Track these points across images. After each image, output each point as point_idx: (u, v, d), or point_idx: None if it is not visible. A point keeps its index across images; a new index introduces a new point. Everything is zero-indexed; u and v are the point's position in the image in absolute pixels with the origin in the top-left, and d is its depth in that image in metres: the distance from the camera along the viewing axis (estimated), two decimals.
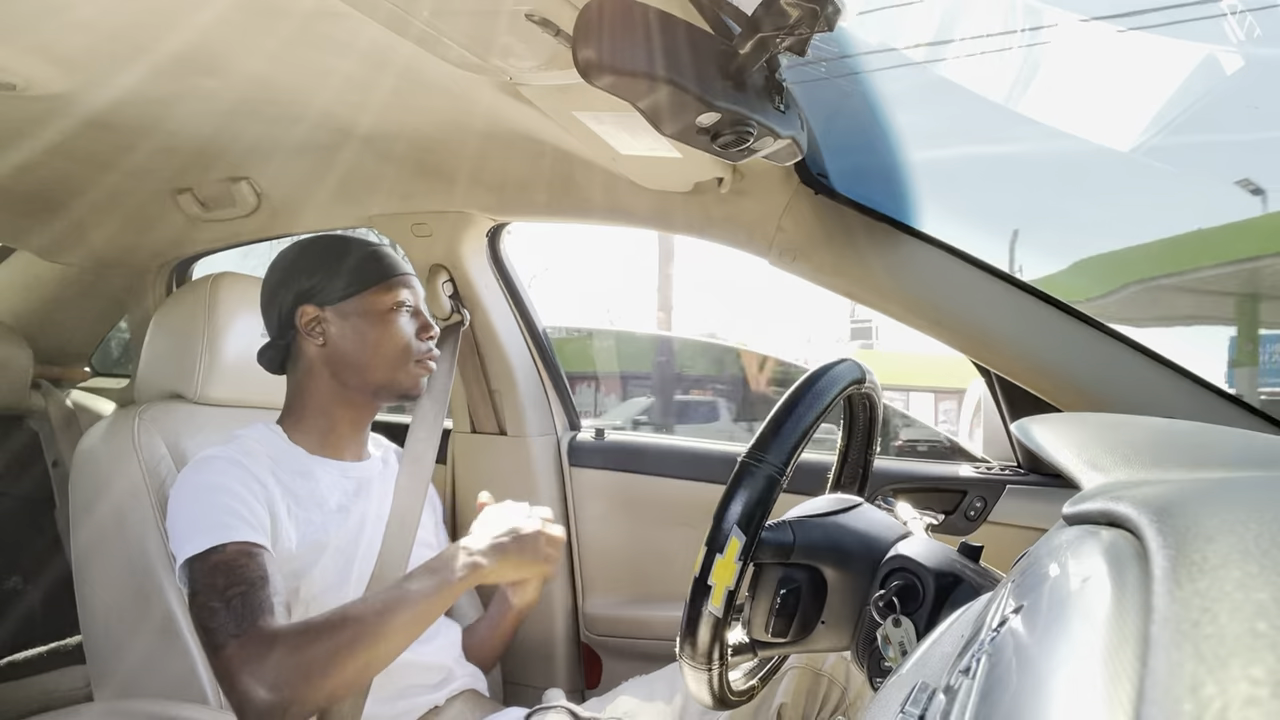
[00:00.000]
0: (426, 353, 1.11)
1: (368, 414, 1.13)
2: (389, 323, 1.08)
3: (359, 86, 1.04)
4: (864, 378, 0.82)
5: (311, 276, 1.07)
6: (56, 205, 1.53)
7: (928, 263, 1.11)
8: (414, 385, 1.11)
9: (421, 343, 1.11)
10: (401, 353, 1.09)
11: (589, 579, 1.55)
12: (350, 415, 1.11)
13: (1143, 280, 3.14)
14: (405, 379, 1.10)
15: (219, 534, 0.89)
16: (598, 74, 0.70)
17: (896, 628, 0.69)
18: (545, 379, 1.60)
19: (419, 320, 1.12)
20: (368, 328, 1.07)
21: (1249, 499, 0.26)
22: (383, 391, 1.10)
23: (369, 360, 1.07)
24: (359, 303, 1.07)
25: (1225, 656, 0.18)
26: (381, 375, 1.08)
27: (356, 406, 1.11)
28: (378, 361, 1.08)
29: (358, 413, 1.12)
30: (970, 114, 1.49)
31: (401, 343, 1.09)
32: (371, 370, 1.08)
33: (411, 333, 1.10)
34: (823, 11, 0.65)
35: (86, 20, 0.84)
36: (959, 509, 1.24)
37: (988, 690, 0.30)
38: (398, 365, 1.09)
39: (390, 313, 1.08)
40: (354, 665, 0.81)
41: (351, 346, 1.07)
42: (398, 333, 1.08)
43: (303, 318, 1.07)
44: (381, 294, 1.08)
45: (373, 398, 1.11)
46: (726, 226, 1.23)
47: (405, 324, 1.10)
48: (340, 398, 1.09)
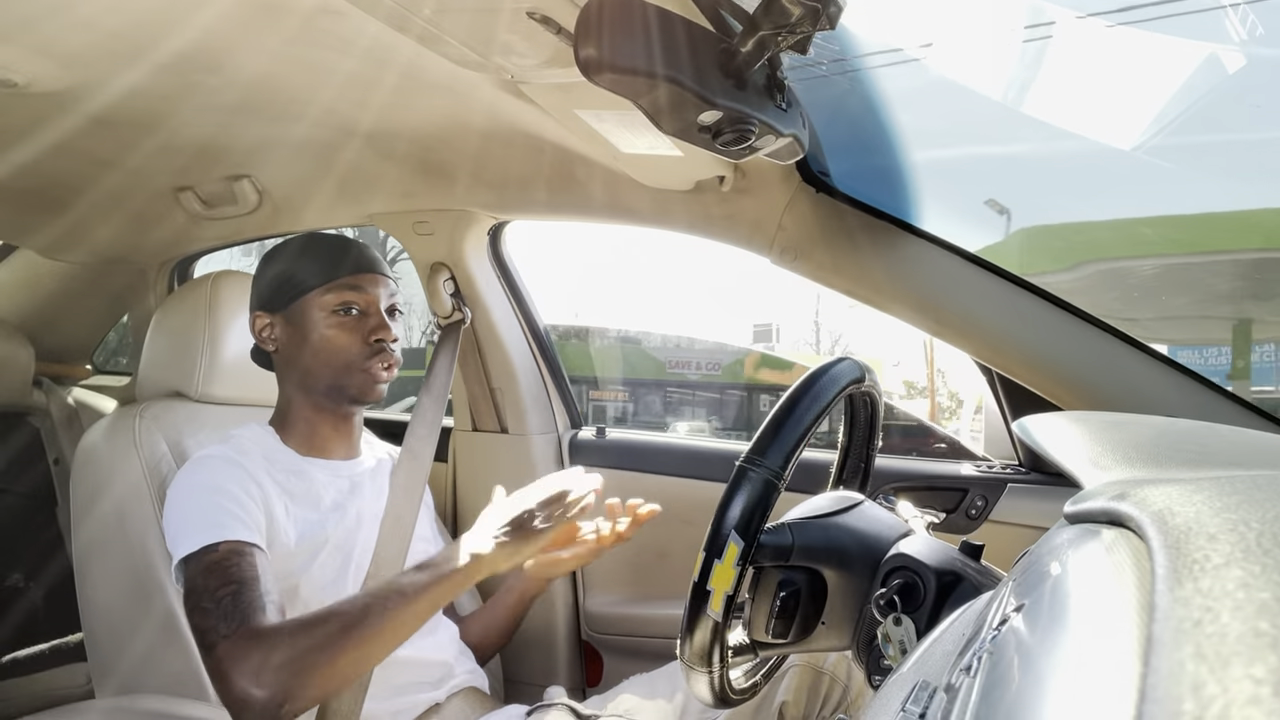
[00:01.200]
0: (372, 358, 1.06)
1: (343, 416, 1.10)
2: (330, 326, 1.05)
3: (360, 84, 1.03)
4: (863, 377, 0.82)
5: (266, 281, 1.08)
6: (58, 203, 1.53)
7: (929, 262, 1.11)
8: (364, 391, 1.06)
9: (366, 347, 1.05)
10: (343, 357, 1.05)
11: (590, 577, 1.55)
12: (326, 418, 1.09)
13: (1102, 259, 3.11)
14: (352, 385, 1.06)
15: (212, 533, 0.89)
16: (599, 72, 0.70)
17: (897, 626, 0.69)
18: (546, 377, 1.60)
19: (369, 322, 1.07)
20: (309, 332, 1.05)
21: (1251, 498, 0.26)
22: (336, 396, 1.07)
23: (313, 366, 1.06)
24: (303, 306, 1.06)
25: (1227, 656, 0.18)
26: (328, 380, 1.06)
27: (325, 410, 1.09)
28: (320, 367, 1.05)
29: (332, 415, 1.10)
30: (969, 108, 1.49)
31: (340, 346, 1.05)
32: (319, 375, 1.06)
33: (357, 337, 1.05)
34: (824, 10, 0.65)
35: (89, 19, 0.84)
36: (960, 507, 1.24)
37: (989, 688, 0.30)
38: (342, 371, 1.05)
39: (331, 316, 1.05)
40: (346, 661, 0.80)
41: (297, 353, 1.06)
42: (337, 338, 1.05)
43: (256, 324, 1.08)
44: (322, 296, 1.05)
45: (332, 403, 1.08)
46: (727, 225, 1.23)
47: (347, 328, 1.05)
48: (309, 402, 1.09)
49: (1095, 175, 1.71)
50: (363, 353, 1.06)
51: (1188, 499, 0.27)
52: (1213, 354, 3.88)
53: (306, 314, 1.06)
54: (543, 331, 1.60)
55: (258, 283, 1.09)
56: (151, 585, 1.05)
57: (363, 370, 1.06)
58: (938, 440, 1.98)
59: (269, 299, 1.08)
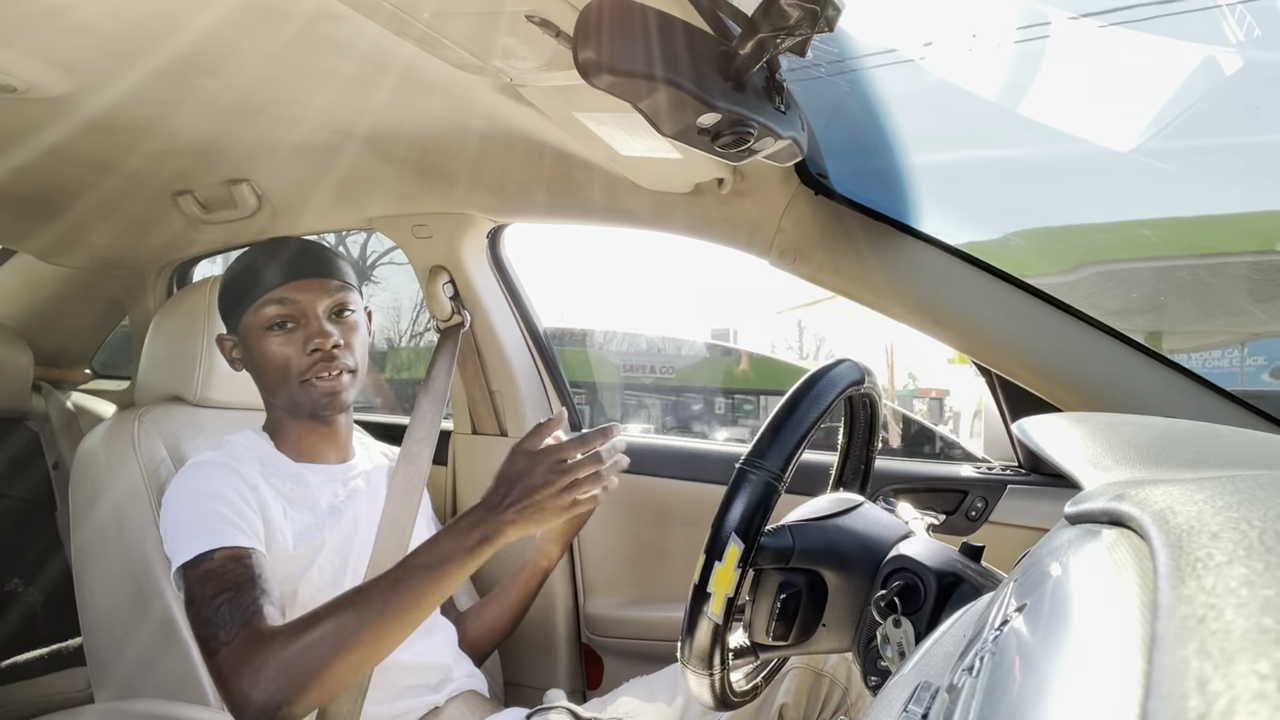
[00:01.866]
0: (313, 366, 1.02)
1: (325, 423, 1.09)
2: (263, 343, 1.03)
3: (360, 88, 1.04)
4: (863, 379, 0.82)
5: (222, 301, 1.09)
6: (57, 208, 1.53)
7: (929, 263, 1.11)
8: (314, 403, 1.03)
9: (303, 358, 1.02)
10: (281, 373, 1.03)
11: (590, 579, 1.55)
12: (309, 425, 1.08)
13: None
14: (302, 397, 1.03)
15: (207, 540, 0.89)
16: (597, 75, 0.70)
17: (897, 628, 0.69)
18: (546, 380, 1.60)
19: (305, 331, 1.02)
20: (251, 351, 1.05)
21: (1252, 496, 0.26)
22: (296, 411, 1.06)
23: (267, 383, 1.06)
24: (243, 325, 1.05)
25: (1231, 652, 0.18)
26: (284, 397, 1.05)
27: (301, 421, 1.08)
28: (273, 385, 1.05)
29: (316, 424, 1.08)
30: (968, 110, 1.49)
31: (277, 363, 1.03)
32: (274, 393, 1.06)
33: (294, 349, 1.02)
34: (822, 13, 0.65)
35: (88, 23, 0.84)
36: (960, 509, 1.24)
37: (991, 689, 0.30)
38: (286, 386, 1.03)
39: (265, 333, 1.03)
40: (347, 659, 0.80)
41: (252, 369, 1.07)
42: (275, 353, 1.02)
43: (224, 346, 1.09)
44: (253, 315, 1.03)
45: (300, 416, 1.07)
46: (726, 227, 1.23)
47: (283, 342, 1.02)
48: (285, 413, 1.08)
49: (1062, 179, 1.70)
50: (301, 365, 1.02)
51: (1189, 498, 0.27)
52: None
53: (249, 333, 1.05)
54: (542, 334, 1.61)
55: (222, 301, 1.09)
56: (150, 589, 1.05)
57: (303, 382, 1.03)
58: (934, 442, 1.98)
59: (226, 318, 1.08)
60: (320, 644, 0.80)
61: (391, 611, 0.82)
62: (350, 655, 0.81)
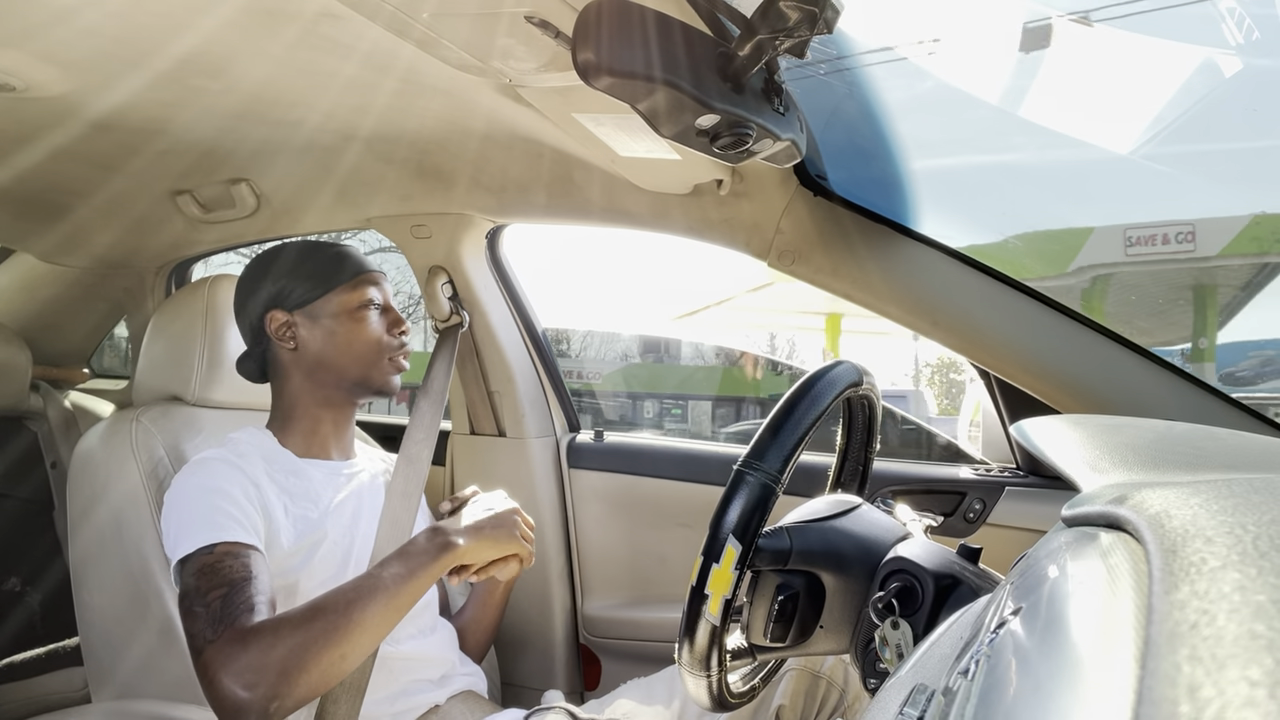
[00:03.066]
0: (399, 348, 1.12)
1: (348, 413, 1.14)
2: (358, 320, 1.09)
3: (361, 89, 1.04)
4: (861, 380, 0.82)
5: (276, 282, 1.09)
6: (56, 207, 1.53)
7: (927, 265, 1.12)
8: (387, 382, 1.12)
9: (393, 338, 1.12)
10: (374, 349, 1.10)
11: (588, 580, 1.55)
12: (331, 415, 1.12)
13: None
14: (378, 376, 1.10)
15: (208, 535, 0.89)
16: (596, 76, 0.70)
17: (895, 630, 0.69)
18: (544, 381, 1.60)
19: (389, 316, 1.13)
20: (337, 327, 1.09)
21: (1247, 501, 0.26)
22: (358, 389, 1.11)
23: (341, 359, 1.09)
24: (326, 303, 1.09)
25: (1223, 658, 0.18)
26: (355, 373, 1.09)
27: (335, 406, 1.12)
28: (350, 360, 1.09)
29: (338, 412, 1.12)
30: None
31: (373, 339, 1.10)
32: (345, 369, 1.09)
33: (382, 329, 1.11)
34: (821, 14, 0.65)
35: (93, 26, 0.84)
36: (958, 511, 1.24)
37: (986, 692, 0.30)
38: (371, 362, 1.10)
39: (360, 310, 1.10)
40: (330, 656, 0.81)
41: (323, 347, 1.09)
42: (368, 330, 1.10)
43: (272, 323, 1.09)
44: (348, 293, 1.09)
45: (349, 395, 1.12)
46: (725, 228, 1.23)
47: (375, 321, 1.11)
48: (319, 399, 1.10)
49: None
50: (389, 344, 1.11)
51: (1184, 502, 0.27)
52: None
53: (330, 310, 1.09)
54: (541, 335, 1.61)
55: (265, 284, 1.09)
56: (148, 590, 1.05)
57: (389, 360, 1.11)
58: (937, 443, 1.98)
59: (285, 298, 1.09)
60: (310, 642, 0.80)
61: (372, 614, 0.85)
62: (337, 651, 0.81)
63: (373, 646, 0.88)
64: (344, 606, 0.84)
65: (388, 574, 0.88)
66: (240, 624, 0.81)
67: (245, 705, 0.76)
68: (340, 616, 0.83)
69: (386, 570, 0.89)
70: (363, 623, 0.84)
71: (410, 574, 0.89)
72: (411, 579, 0.89)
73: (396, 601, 0.87)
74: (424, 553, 0.92)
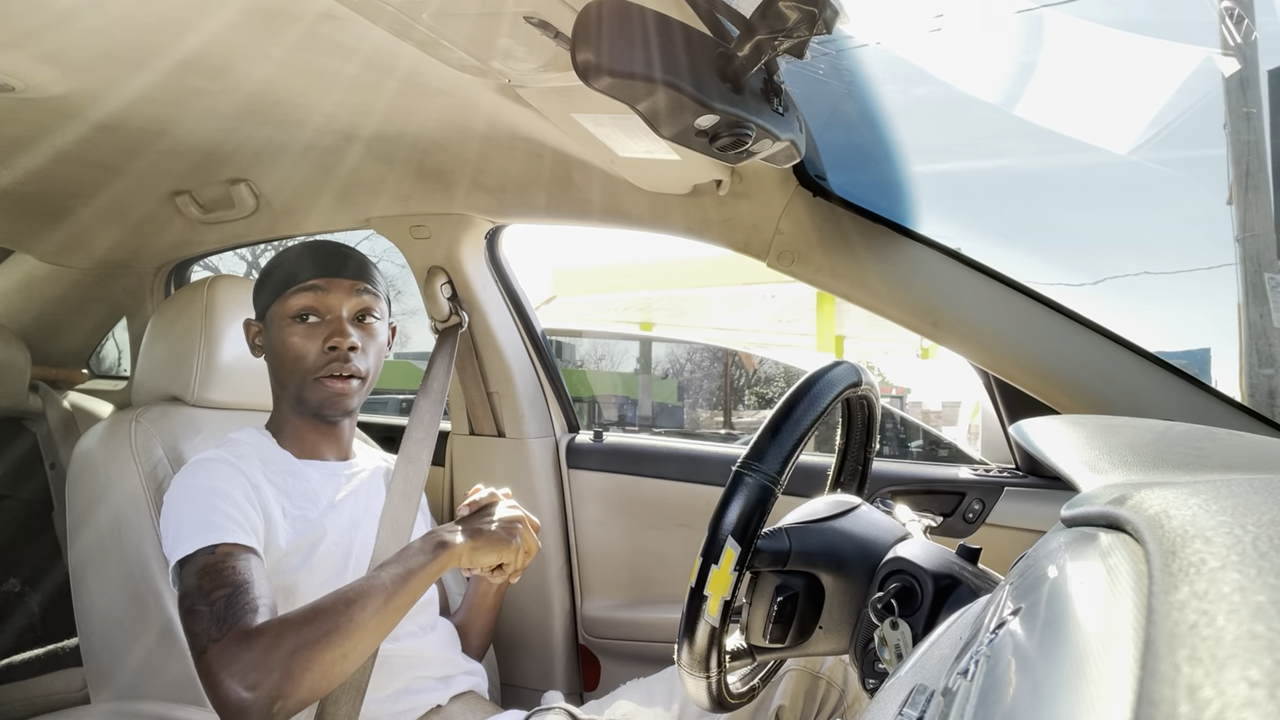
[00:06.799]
0: (325, 367, 1.03)
1: (324, 423, 1.10)
2: (287, 335, 1.04)
3: (362, 90, 1.04)
4: (860, 380, 0.82)
5: (257, 288, 1.10)
6: (56, 208, 1.52)
7: (925, 265, 1.12)
8: (320, 402, 1.04)
9: (321, 355, 1.03)
10: (299, 366, 1.03)
11: (587, 581, 1.55)
12: (310, 424, 1.09)
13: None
14: (310, 394, 1.04)
15: (209, 536, 0.89)
16: (596, 76, 0.70)
17: (894, 630, 0.69)
18: (544, 381, 1.60)
19: (327, 328, 1.03)
20: (273, 338, 1.06)
21: (1247, 501, 0.26)
22: (301, 407, 1.06)
23: (280, 374, 1.07)
24: (272, 312, 1.06)
25: (1223, 659, 0.18)
26: (293, 390, 1.05)
27: (307, 417, 1.09)
28: (285, 376, 1.05)
29: (315, 422, 1.09)
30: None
31: (295, 355, 1.03)
32: (285, 385, 1.06)
33: (313, 344, 1.03)
34: (820, 14, 0.65)
35: (94, 27, 0.84)
36: (957, 511, 1.24)
37: (986, 692, 0.30)
38: (300, 381, 1.04)
39: (289, 324, 1.04)
40: (331, 656, 0.81)
41: (270, 359, 1.08)
42: (294, 344, 1.03)
43: (249, 330, 1.11)
44: (283, 303, 1.04)
45: (301, 413, 1.07)
46: (725, 229, 1.23)
47: (304, 335, 1.03)
48: (293, 409, 1.09)
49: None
50: (315, 363, 1.03)
51: (1184, 502, 0.27)
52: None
53: (275, 320, 1.06)
54: (540, 335, 1.60)
55: (258, 289, 1.11)
56: (147, 591, 1.05)
57: (315, 380, 1.04)
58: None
59: (257, 304, 1.10)
60: (311, 642, 0.80)
61: (371, 616, 0.85)
62: (338, 651, 0.82)
63: (373, 646, 0.88)
64: (344, 607, 0.84)
65: (387, 574, 0.89)
66: (244, 624, 0.81)
67: (248, 706, 0.76)
68: (341, 617, 0.83)
69: (386, 571, 0.89)
70: (363, 623, 0.84)
71: (409, 574, 0.89)
72: (411, 579, 0.89)
73: (396, 601, 0.87)
74: (422, 552, 0.92)
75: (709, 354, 10.26)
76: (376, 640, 0.88)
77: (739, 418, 9.32)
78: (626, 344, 9.69)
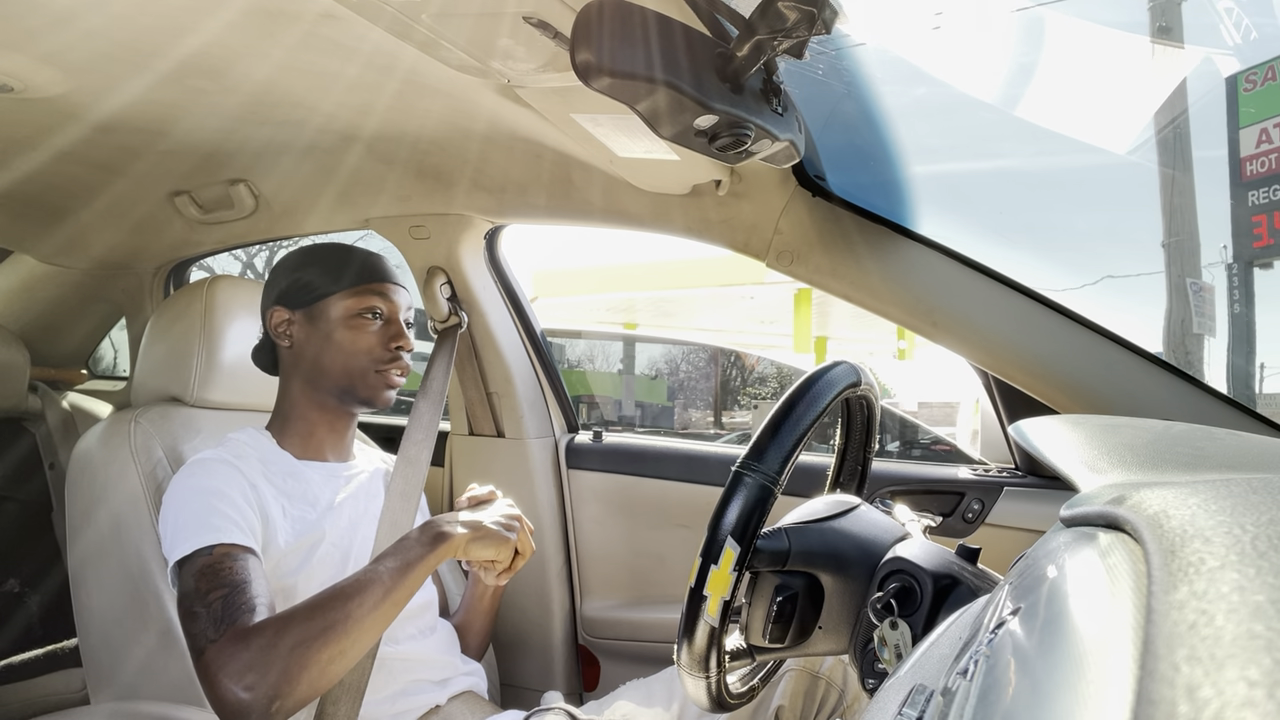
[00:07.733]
0: (389, 363, 1.09)
1: (343, 417, 1.13)
2: (353, 328, 1.08)
3: (362, 91, 1.04)
4: (860, 380, 0.82)
5: (287, 279, 1.10)
6: (56, 209, 1.52)
7: (925, 265, 1.12)
8: (374, 394, 1.09)
9: (385, 351, 1.09)
10: (361, 359, 1.08)
11: (586, 581, 1.55)
12: (326, 418, 1.11)
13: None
14: (363, 387, 1.08)
15: (207, 536, 0.89)
16: (595, 76, 0.70)
17: (893, 630, 0.69)
18: (543, 381, 1.60)
19: (390, 330, 1.10)
20: (333, 331, 1.08)
21: (1246, 501, 0.26)
22: (345, 397, 1.09)
23: (332, 365, 1.08)
24: (327, 306, 1.08)
25: (1222, 658, 0.18)
26: (344, 380, 1.08)
27: (329, 410, 1.11)
28: (339, 367, 1.08)
29: (333, 417, 1.11)
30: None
31: (360, 349, 1.08)
32: (335, 375, 1.08)
33: (376, 341, 1.09)
34: (820, 15, 0.65)
35: (94, 28, 0.84)
36: (957, 511, 1.24)
37: (986, 692, 0.30)
38: (360, 372, 1.08)
39: (355, 318, 1.08)
40: (330, 653, 0.81)
41: (318, 351, 1.08)
42: (358, 339, 1.08)
43: (271, 319, 1.10)
44: (347, 299, 1.08)
45: (339, 402, 1.10)
46: (724, 229, 1.23)
47: (369, 331, 1.09)
48: (314, 402, 1.10)
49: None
50: (381, 357, 1.09)
51: (1183, 502, 0.27)
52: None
53: (329, 314, 1.08)
54: (539, 336, 1.61)
55: (278, 280, 1.11)
56: (146, 591, 1.05)
57: (378, 373, 1.09)
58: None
59: (291, 296, 1.09)
60: (309, 640, 0.80)
61: (369, 611, 0.85)
62: (336, 648, 0.81)
63: (372, 642, 0.87)
64: (342, 602, 0.84)
65: (383, 568, 0.88)
66: (241, 624, 0.81)
67: (247, 706, 0.76)
68: (338, 612, 0.83)
69: (382, 564, 0.89)
70: (361, 618, 0.84)
71: (407, 566, 0.89)
72: (409, 571, 0.89)
73: (394, 595, 0.87)
74: (419, 544, 0.92)
75: (704, 354, 10.26)
76: (375, 635, 0.87)
77: (730, 417, 9.31)
78: (614, 344, 9.70)
